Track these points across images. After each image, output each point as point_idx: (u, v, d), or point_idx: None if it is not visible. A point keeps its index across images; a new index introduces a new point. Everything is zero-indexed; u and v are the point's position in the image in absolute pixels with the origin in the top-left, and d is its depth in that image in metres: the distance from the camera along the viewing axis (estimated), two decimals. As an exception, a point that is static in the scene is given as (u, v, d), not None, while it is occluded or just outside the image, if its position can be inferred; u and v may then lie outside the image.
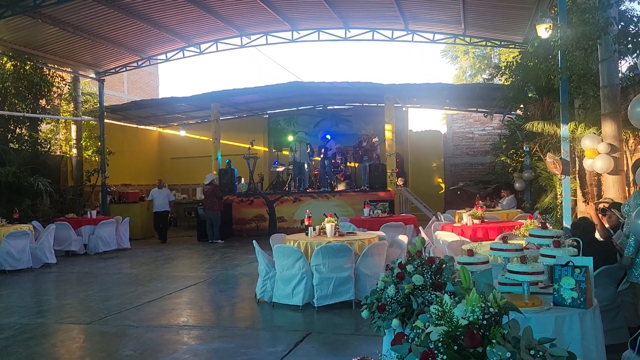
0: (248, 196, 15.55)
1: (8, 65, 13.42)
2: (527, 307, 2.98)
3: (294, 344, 5.07)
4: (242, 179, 16.62)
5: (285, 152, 17.61)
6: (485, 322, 1.59)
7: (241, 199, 15.50)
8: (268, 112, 20.06)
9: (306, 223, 7.37)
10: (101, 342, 5.45)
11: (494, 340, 1.52)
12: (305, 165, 15.95)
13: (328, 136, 16.11)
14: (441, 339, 1.57)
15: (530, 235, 3.90)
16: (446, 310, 1.63)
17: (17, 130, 13.68)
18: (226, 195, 15.12)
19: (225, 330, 5.71)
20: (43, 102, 14.38)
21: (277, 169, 17.00)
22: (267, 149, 19.62)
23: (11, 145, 13.35)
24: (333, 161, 15.94)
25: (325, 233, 7.10)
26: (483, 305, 1.60)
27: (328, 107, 19.49)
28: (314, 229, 7.17)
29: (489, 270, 1.96)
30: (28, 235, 10.20)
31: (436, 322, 1.63)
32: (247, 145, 16.29)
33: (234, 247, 12.80)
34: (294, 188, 15.87)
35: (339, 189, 15.41)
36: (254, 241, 7.08)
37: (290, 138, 16.62)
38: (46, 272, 10.10)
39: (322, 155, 15.77)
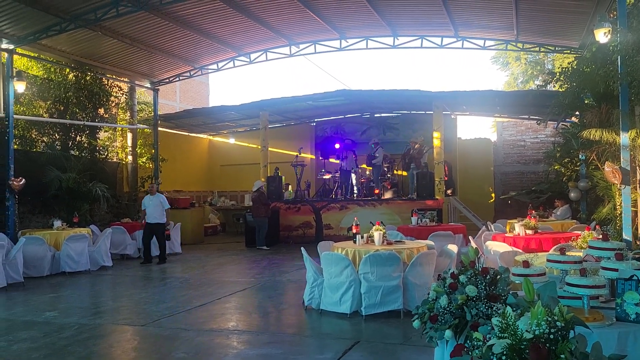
0: (295, 203, 15.68)
1: (70, 76, 14.07)
2: (588, 322, 2.87)
3: (342, 352, 5.06)
4: (290, 186, 16.80)
5: (333, 160, 17.68)
6: (552, 336, 1.54)
7: (288, 206, 15.64)
8: (315, 120, 20.21)
9: (354, 231, 7.37)
10: (155, 344, 5.61)
11: (562, 356, 1.47)
12: (352, 174, 15.97)
13: (374, 145, 16.03)
14: (505, 352, 1.53)
15: (590, 247, 3.77)
16: (510, 322, 1.59)
17: (78, 138, 14.29)
18: (273, 202, 15.29)
19: (274, 336, 5.77)
20: (102, 111, 14.99)
21: (324, 177, 17.08)
22: (314, 157, 19.75)
23: (72, 152, 13.97)
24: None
25: (373, 241, 7.07)
26: (549, 318, 1.55)
27: (375, 115, 19.45)
28: (362, 237, 7.15)
29: (554, 283, 1.89)
30: (87, 238, 10.63)
31: (499, 334, 1.60)
32: (295, 153, 16.47)
33: (281, 254, 12.92)
34: (340, 196, 15.90)
35: (386, 197, 15.31)
36: (302, 248, 7.14)
37: (337, 146, 16.79)
38: (103, 274, 10.49)
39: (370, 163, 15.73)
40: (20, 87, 11.83)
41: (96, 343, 5.69)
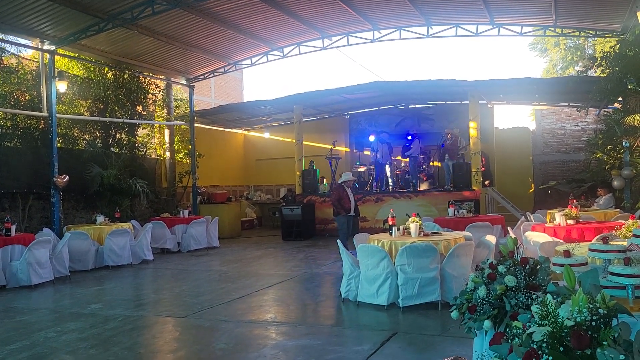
0: (330, 196, 15.68)
1: (109, 75, 14.44)
2: (633, 312, 2.79)
3: (380, 343, 5.06)
4: (325, 180, 16.83)
5: (367, 152, 17.62)
6: (593, 323, 1.51)
7: (324, 199, 15.67)
8: (349, 112, 20.15)
9: (390, 223, 7.31)
10: (196, 335, 5.73)
11: (604, 343, 1.44)
12: (387, 166, 15.87)
13: (409, 137, 15.90)
14: (545, 340, 1.51)
15: (635, 235, 3.65)
16: (550, 310, 1.57)
17: (117, 135, 14.68)
18: (309, 195, 15.35)
19: (312, 328, 5.82)
20: (139, 108, 15.34)
21: (359, 169, 17.04)
22: (348, 150, 19.72)
23: (112, 149, 14.35)
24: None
25: (409, 233, 7.02)
26: (591, 306, 1.52)
27: (410, 106, 19.25)
28: (398, 229, 7.12)
29: (595, 271, 1.85)
30: (128, 233, 10.92)
31: (539, 322, 1.57)
32: (329, 146, 16.50)
33: (318, 247, 12.99)
34: (375, 188, 15.84)
35: (421, 188, 15.17)
36: (338, 240, 7.16)
37: (372, 138, 16.69)
38: (144, 268, 10.78)
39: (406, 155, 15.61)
40: (62, 86, 12.22)
41: (140, 334, 5.87)
